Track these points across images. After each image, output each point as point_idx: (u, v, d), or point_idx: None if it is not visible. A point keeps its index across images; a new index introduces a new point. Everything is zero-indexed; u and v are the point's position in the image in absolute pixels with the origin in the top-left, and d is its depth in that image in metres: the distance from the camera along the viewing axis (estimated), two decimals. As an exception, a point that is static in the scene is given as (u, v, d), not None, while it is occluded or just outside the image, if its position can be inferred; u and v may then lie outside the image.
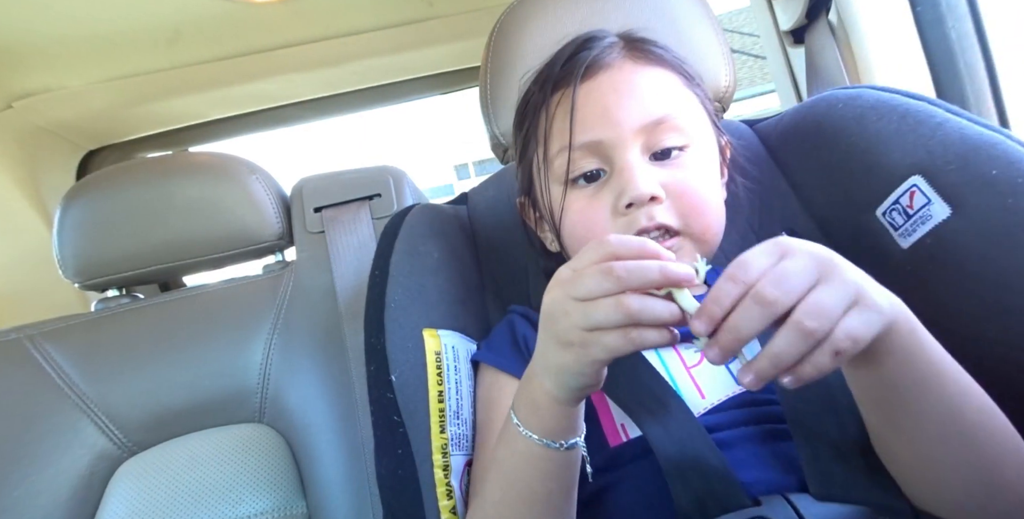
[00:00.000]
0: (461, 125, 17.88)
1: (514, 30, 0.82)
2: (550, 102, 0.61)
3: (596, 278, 0.39)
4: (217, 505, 0.84)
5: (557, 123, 0.60)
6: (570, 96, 0.58)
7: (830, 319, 0.35)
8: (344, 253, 0.97)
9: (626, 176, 0.56)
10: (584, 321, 0.39)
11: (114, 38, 1.13)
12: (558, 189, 0.61)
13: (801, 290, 0.36)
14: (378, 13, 1.25)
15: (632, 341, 0.38)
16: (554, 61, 0.63)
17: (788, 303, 0.35)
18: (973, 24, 0.83)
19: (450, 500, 0.55)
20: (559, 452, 0.45)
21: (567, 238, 0.62)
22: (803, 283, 0.36)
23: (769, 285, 0.36)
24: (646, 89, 0.58)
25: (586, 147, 0.58)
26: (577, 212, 0.59)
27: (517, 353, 0.62)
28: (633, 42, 0.62)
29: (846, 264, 0.38)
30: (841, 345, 0.35)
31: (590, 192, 0.59)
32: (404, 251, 0.69)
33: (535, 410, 0.44)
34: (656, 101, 0.58)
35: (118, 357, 0.92)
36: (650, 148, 0.58)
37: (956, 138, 0.56)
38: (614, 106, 0.57)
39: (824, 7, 0.96)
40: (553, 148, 0.60)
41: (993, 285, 0.53)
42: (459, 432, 0.59)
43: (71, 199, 0.98)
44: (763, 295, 0.35)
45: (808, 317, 0.35)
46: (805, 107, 0.73)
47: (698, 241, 0.58)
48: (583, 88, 0.59)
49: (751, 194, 0.74)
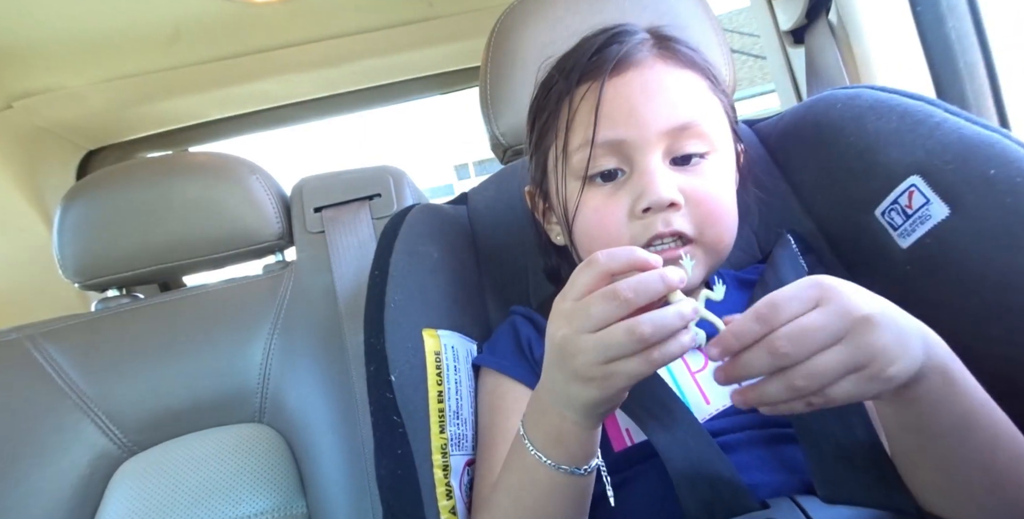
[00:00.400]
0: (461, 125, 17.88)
1: (514, 30, 0.82)
2: (575, 94, 0.59)
3: (602, 306, 0.38)
4: (217, 505, 0.84)
5: (581, 116, 0.58)
6: (596, 90, 0.57)
7: (821, 383, 0.36)
8: (344, 253, 0.97)
9: (646, 179, 0.55)
10: (601, 356, 0.38)
11: (114, 38, 1.13)
12: (575, 185, 0.59)
13: (813, 350, 0.37)
14: (378, 13, 1.25)
15: (653, 363, 0.38)
16: (581, 51, 0.60)
17: (798, 359, 0.36)
18: (973, 24, 0.83)
19: (450, 500, 0.55)
20: (583, 476, 0.45)
21: (579, 235, 0.61)
22: (818, 344, 0.37)
23: (786, 339, 0.36)
24: (674, 92, 0.57)
25: (608, 145, 0.56)
26: (592, 210, 0.58)
27: (521, 357, 0.62)
28: (663, 40, 0.61)
29: (886, 319, 0.38)
30: (816, 401, 0.37)
31: (607, 191, 0.58)
32: (404, 251, 0.68)
33: (559, 441, 0.44)
34: (684, 105, 0.57)
35: (118, 357, 0.92)
36: (672, 153, 0.56)
37: (954, 138, 0.56)
38: (642, 106, 0.56)
39: (824, 7, 0.96)
40: (574, 142, 0.58)
41: (993, 284, 0.52)
42: (459, 432, 0.59)
43: (71, 199, 0.98)
44: (776, 348, 0.36)
45: (801, 378, 0.36)
46: (804, 107, 0.73)
47: (710, 250, 0.57)
48: (611, 84, 0.57)
49: (750, 195, 0.74)
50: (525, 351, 0.62)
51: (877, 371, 0.37)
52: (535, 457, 0.44)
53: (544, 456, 0.44)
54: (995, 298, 0.53)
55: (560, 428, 0.43)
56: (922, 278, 0.58)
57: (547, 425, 0.44)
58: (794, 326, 0.37)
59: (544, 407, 0.44)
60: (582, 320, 0.39)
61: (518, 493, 0.47)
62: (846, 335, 0.37)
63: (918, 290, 0.59)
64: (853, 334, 0.37)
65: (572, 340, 0.39)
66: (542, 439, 0.45)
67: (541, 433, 0.45)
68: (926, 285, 0.57)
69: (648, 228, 0.55)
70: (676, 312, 0.37)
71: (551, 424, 0.44)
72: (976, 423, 0.41)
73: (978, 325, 0.54)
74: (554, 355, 0.42)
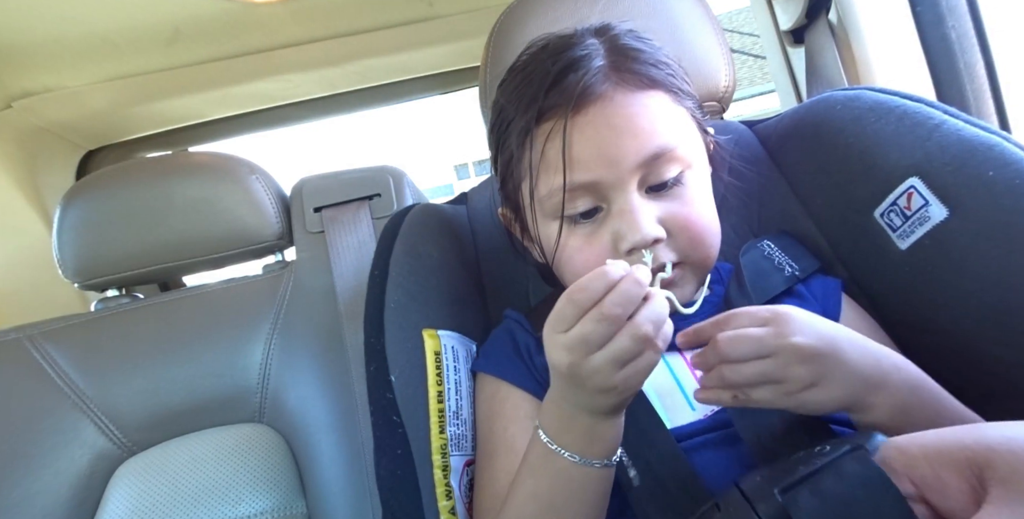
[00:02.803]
0: (461, 125, 17.86)
1: (514, 30, 0.82)
2: (535, 134, 0.56)
3: (598, 329, 0.41)
4: (217, 505, 0.84)
5: (548, 160, 0.55)
6: (559, 130, 0.54)
7: (743, 380, 0.45)
8: (344, 253, 0.97)
9: (626, 219, 0.54)
10: (616, 367, 0.42)
11: (114, 38, 1.13)
12: (552, 224, 0.58)
13: (743, 354, 0.46)
14: (378, 13, 1.25)
15: (660, 349, 0.42)
16: (536, 80, 0.57)
17: (729, 359, 0.46)
18: (973, 24, 0.83)
19: (449, 500, 0.55)
20: (613, 466, 0.48)
21: (565, 273, 0.60)
22: (748, 350, 0.45)
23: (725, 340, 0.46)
24: (641, 121, 0.55)
25: (582, 187, 0.55)
26: (575, 251, 0.57)
27: (519, 362, 0.62)
28: (620, 60, 0.57)
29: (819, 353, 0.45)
30: (740, 396, 0.46)
31: (587, 230, 0.57)
32: (404, 251, 0.68)
33: (593, 440, 0.46)
34: (652, 134, 0.54)
35: (118, 357, 0.92)
36: (647, 183, 0.55)
37: (953, 139, 0.56)
38: (612, 145, 0.54)
39: (824, 7, 0.96)
40: (544, 187, 0.57)
41: (991, 285, 0.53)
42: (459, 432, 0.59)
43: (71, 199, 0.98)
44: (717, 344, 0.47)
45: (728, 370, 0.46)
46: (804, 108, 0.73)
47: (697, 267, 0.58)
48: (574, 123, 0.54)
49: (750, 195, 0.74)
50: (524, 356, 0.62)
51: (790, 390, 0.44)
52: (569, 459, 0.46)
53: (580, 456, 0.46)
54: (993, 299, 0.53)
55: (592, 429, 0.46)
56: (921, 279, 0.58)
57: (578, 429, 0.46)
58: (735, 332, 0.46)
59: (570, 414, 0.46)
60: (583, 346, 0.42)
61: (549, 497, 0.47)
62: (773, 353, 0.45)
63: (917, 291, 0.59)
64: (778, 355, 0.44)
65: (580, 366, 0.42)
66: (575, 441, 0.46)
67: (572, 436, 0.46)
68: (925, 286, 0.57)
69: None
70: (662, 304, 0.43)
71: (582, 427, 0.46)
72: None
73: (977, 326, 0.54)
74: (564, 381, 0.44)
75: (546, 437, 0.47)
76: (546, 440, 0.47)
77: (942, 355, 0.55)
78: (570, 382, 0.44)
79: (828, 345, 0.44)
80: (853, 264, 0.66)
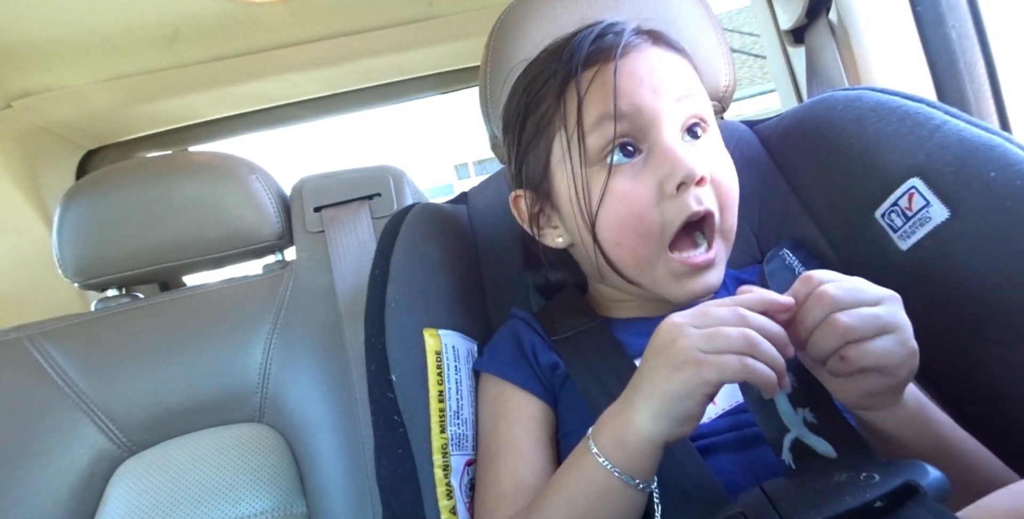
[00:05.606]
0: (461, 125, 17.87)
1: (514, 30, 0.81)
2: (580, 79, 0.57)
3: (723, 311, 0.42)
4: (217, 505, 0.84)
5: (592, 96, 0.56)
6: (604, 72, 0.56)
7: (865, 325, 0.41)
8: (344, 253, 0.97)
9: (672, 155, 0.53)
10: (705, 343, 0.41)
11: (114, 38, 1.13)
12: (592, 171, 0.57)
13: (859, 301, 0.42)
14: (378, 13, 1.25)
15: (746, 367, 0.40)
16: (575, 43, 0.59)
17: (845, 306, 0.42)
18: (973, 24, 0.83)
19: (450, 500, 0.55)
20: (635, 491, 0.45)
21: (607, 225, 0.57)
22: (863, 297, 0.42)
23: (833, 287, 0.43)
24: (677, 68, 0.59)
25: (625, 118, 0.55)
26: (620, 196, 0.55)
27: (524, 362, 0.62)
28: (647, 32, 0.61)
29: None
30: (850, 355, 0.41)
31: (630, 172, 0.55)
32: (404, 251, 0.68)
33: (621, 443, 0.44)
34: (687, 79, 0.59)
35: (118, 357, 0.92)
36: (684, 124, 0.57)
37: (955, 140, 0.56)
38: (655, 77, 0.56)
39: (824, 7, 0.96)
40: (590, 119, 0.56)
41: (992, 286, 0.53)
42: (459, 432, 0.59)
43: (71, 199, 0.98)
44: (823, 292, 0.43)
45: (848, 316, 0.41)
46: (804, 108, 0.73)
47: (727, 239, 0.58)
48: (619, 65, 0.56)
49: (750, 195, 0.74)
50: (528, 357, 0.62)
51: (905, 338, 0.41)
52: (595, 456, 0.45)
53: (603, 457, 0.45)
54: (994, 300, 0.53)
55: (626, 428, 0.44)
56: (921, 280, 0.58)
57: (615, 424, 0.45)
58: (841, 281, 0.43)
59: (620, 406, 0.45)
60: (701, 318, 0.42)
61: (573, 493, 0.47)
62: (881, 302, 0.42)
63: (917, 292, 0.59)
64: (886, 303, 0.42)
65: (677, 328, 0.42)
66: (606, 438, 0.45)
67: (607, 431, 0.45)
68: (925, 287, 0.57)
69: (682, 208, 0.54)
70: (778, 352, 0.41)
71: (619, 423, 0.44)
72: (950, 451, 0.44)
73: (977, 327, 0.54)
74: (655, 350, 0.44)
75: (590, 431, 0.46)
76: (588, 434, 0.46)
77: (944, 356, 0.55)
78: (657, 350, 0.43)
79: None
80: (854, 264, 0.66)
